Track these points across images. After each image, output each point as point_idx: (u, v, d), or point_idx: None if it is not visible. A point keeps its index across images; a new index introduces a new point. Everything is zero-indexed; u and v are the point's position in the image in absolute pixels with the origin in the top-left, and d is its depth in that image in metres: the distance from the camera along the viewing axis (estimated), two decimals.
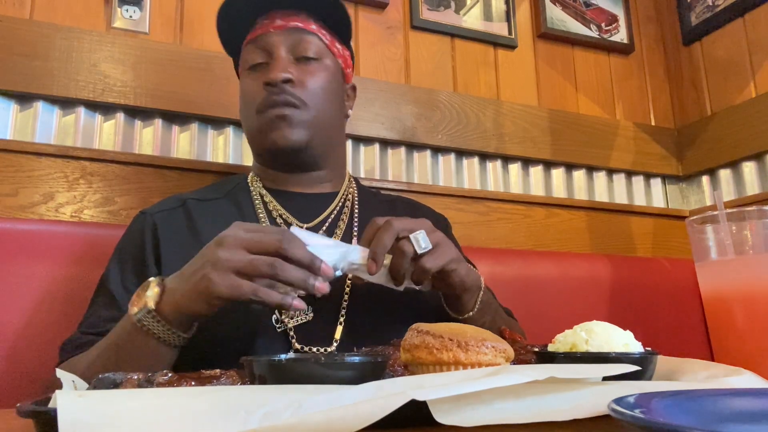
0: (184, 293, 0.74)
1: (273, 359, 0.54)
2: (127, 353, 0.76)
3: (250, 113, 1.02)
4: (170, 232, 0.96)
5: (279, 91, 0.98)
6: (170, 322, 0.75)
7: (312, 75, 1.02)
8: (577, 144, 1.89)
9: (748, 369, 0.61)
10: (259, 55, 1.02)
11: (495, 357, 0.57)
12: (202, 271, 0.72)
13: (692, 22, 2.02)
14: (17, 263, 1.08)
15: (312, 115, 1.01)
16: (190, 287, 0.73)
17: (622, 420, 0.35)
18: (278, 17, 1.03)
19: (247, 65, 1.04)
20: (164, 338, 0.75)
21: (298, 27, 1.02)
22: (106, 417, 0.41)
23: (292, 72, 0.99)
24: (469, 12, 1.84)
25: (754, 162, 1.84)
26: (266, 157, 1.06)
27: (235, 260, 0.71)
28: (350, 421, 0.39)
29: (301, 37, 1.02)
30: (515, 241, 1.73)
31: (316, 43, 1.04)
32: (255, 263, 0.71)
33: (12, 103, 1.32)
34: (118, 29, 1.43)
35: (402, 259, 0.80)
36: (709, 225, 0.88)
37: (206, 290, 0.71)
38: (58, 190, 1.29)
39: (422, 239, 0.81)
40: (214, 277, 0.71)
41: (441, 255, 0.83)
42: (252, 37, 1.04)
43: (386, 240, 0.80)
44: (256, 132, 1.02)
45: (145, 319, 0.74)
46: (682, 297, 1.62)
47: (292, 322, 0.91)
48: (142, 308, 0.74)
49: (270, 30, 1.02)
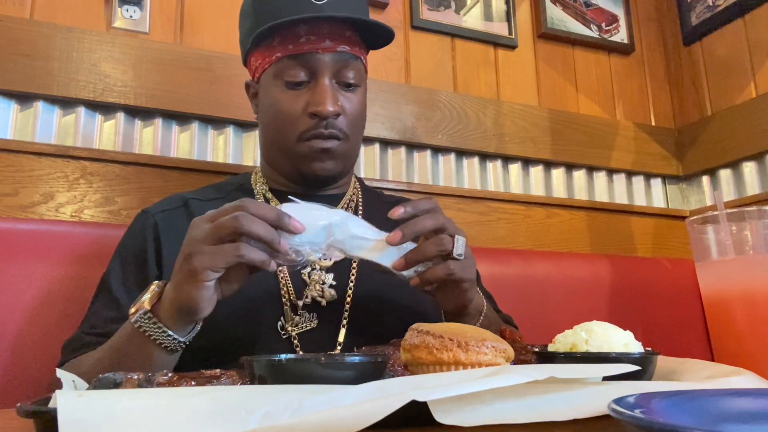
0: (175, 286, 0.73)
1: (273, 359, 0.54)
2: (128, 358, 0.76)
3: (287, 137, 0.98)
4: (172, 232, 0.96)
5: (327, 124, 0.96)
6: (166, 323, 0.74)
7: (353, 104, 0.99)
8: (578, 144, 1.89)
9: (748, 369, 0.61)
10: (301, 73, 0.97)
11: (495, 357, 0.57)
12: (181, 254, 0.73)
13: (692, 22, 2.02)
14: (17, 263, 1.08)
15: (351, 146, 1.01)
16: (178, 278, 0.73)
17: (622, 420, 0.35)
18: (326, 36, 0.96)
19: (284, 78, 0.98)
20: (161, 341, 0.75)
21: (344, 51, 0.97)
22: (106, 417, 0.41)
23: (340, 105, 0.97)
24: (470, 12, 1.84)
25: (754, 162, 1.84)
26: (293, 176, 1.03)
27: (204, 234, 0.71)
28: (350, 421, 0.39)
29: (347, 62, 0.98)
30: (515, 241, 1.73)
31: (358, 68, 1.01)
32: (219, 222, 0.71)
33: (12, 102, 1.32)
34: (118, 29, 1.43)
35: (435, 249, 0.78)
36: (709, 225, 0.88)
37: (192, 271, 0.71)
38: (59, 190, 1.29)
39: (462, 245, 0.79)
40: (195, 254, 0.71)
41: (467, 270, 0.81)
42: (295, 52, 0.96)
43: (428, 225, 0.78)
44: (295, 156, 0.99)
45: (142, 321, 0.74)
46: (683, 297, 1.62)
47: (297, 329, 0.91)
48: (138, 310, 0.74)
49: (318, 51, 0.96)
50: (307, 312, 0.92)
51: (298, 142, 0.97)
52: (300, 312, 0.92)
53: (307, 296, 0.93)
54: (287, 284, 0.94)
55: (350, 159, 1.04)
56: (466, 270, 0.81)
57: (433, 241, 0.78)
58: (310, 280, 0.95)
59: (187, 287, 0.72)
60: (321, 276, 0.95)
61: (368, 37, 1.03)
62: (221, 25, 1.53)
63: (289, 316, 0.92)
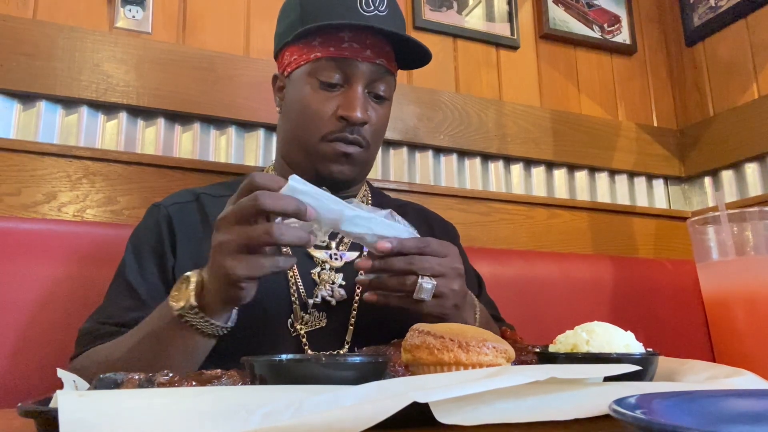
0: (214, 285, 0.74)
1: (273, 359, 0.54)
2: (168, 344, 0.77)
3: (311, 135, 0.99)
4: (184, 225, 0.97)
5: (353, 130, 0.97)
6: (211, 315, 0.76)
7: (379, 116, 1.01)
8: (580, 145, 1.89)
9: (749, 370, 0.61)
10: (337, 76, 0.98)
11: (496, 357, 0.57)
12: (215, 260, 0.73)
13: (695, 23, 2.02)
14: (19, 262, 1.08)
15: (369, 154, 1.02)
16: (215, 279, 0.74)
17: (623, 420, 0.35)
18: (368, 46, 0.98)
19: (319, 76, 0.98)
20: (205, 330, 0.77)
21: (383, 65, 1.00)
22: (107, 417, 0.41)
23: (369, 114, 0.99)
24: (472, 12, 1.84)
25: (756, 163, 1.83)
26: (309, 175, 1.02)
27: (234, 239, 0.72)
28: (351, 422, 0.39)
29: (382, 76, 1.00)
30: (517, 242, 1.73)
31: (390, 83, 1.03)
32: (252, 237, 0.71)
33: (15, 102, 1.33)
34: (120, 29, 1.43)
35: (395, 284, 0.81)
36: (710, 226, 0.88)
37: (227, 277, 0.72)
38: (61, 190, 1.29)
39: (428, 291, 0.80)
40: (227, 263, 0.71)
41: (438, 306, 0.82)
42: (337, 55, 0.97)
43: (395, 266, 0.80)
44: (315, 155, 1.00)
45: (188, 314, 0.75)
46: (684, 298, 1.62)
47: (306, 327, 0.92)
48: (184, 304, 0.75)
49: (359, 59, 0.97)
50: (317, 311, 0.94)
51: (321, 142, 0.98)
52: (310, 311, 0.94)
53: (317, 295, 0.94)
54: (297, 283, 0.95)
55: (367, 167, 1.05)
56: (437, 308, 0.82)
57: (396, 279, 0.80)
58: (320, 279, 0.96)
59: (226, 289, 0.73)
60: (331, 276, 0.97)
61: (403, 57, 1.04)
62: (224, 25, 1.53)
63: (298, 314, 0.93)
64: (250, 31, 1.55)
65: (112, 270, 0.97)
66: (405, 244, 0.80)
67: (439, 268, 0.81)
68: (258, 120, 1.50)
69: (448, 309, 0.83)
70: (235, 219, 0.72)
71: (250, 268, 0.71)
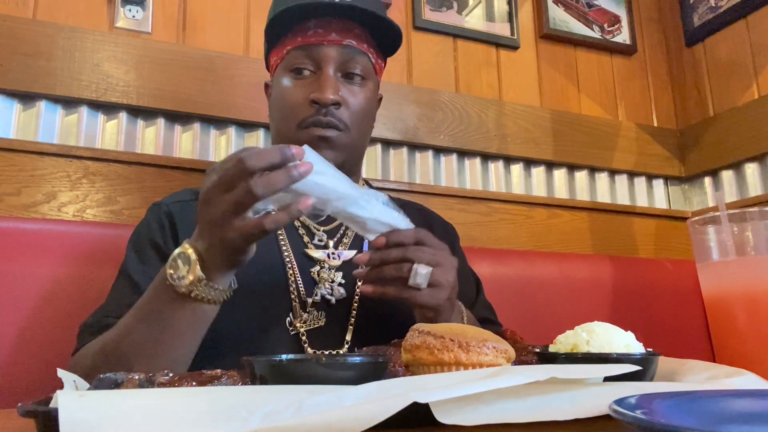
0: (214, 256, 0.74)
1: (273, 359, 0.54)
2: (175, 321, 0.76)
3: (289, 124, 1.00)
4: (185, 221, 0.97)
5: (326, 112, 0.97)
6: (216, 283, 0.75)
7: (357, 97, 1.01)
8: (580, 145, 1.89)
9: (750, 370, 0.61)
10: (306, 63, 1.00)
11: (496, 358, 0.57)
12: (213, 233, 0.73)
13: (695, 23, 2.02)
14: (19, 262, 1.08)
15: (351, 138, 1.01)
16: (215, 250, 0.74)
17: (623, 421, 0.35)
18: (333, 29, 0.99)
19: (290, 67, 1.01)
20: (213, 298, 0.76)
21: (351, 45, 1.00)
22: (107, 417, 0.41)
23: (340, 94, 0.98)
24: (472, 12, 1.84)
25: (756, 163, 1.83)
26: None
27: (226, 208, 0.70)
28: (352, 422, 0.39)
29: (352, 56, 1.00)
30: (517, 242, 1.73)
31: (364, 63, 1.02)
32: (240, 200, 0.69)
33: (15, 102, 1.33)
34: (120, 29, 1.43)
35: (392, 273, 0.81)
36: (710, 226, 0.88)
37: (224, 246, 0.72)
38: (61, 190, 1.29)
39: (423, 277, 0.80)
40: (227, 234, 0.71)
41: (431, 298, 0.82)
42: (303, 43, 1.00)
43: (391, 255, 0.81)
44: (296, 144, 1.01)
45: (197, 288, 0.74)
46: (684, 298, 1.62)
47: (305, 326, 0.92)
48: (193, 279, 0.74)
49: (324, 42, 0.99)
50: (316, 310, 0.94)
51: (298, 130, 0.98)
52: (309, 309, 0.93)
53: (316, 294, 0.94)
54: (297, 281, 0.95)
55: (352, 152, 1.03)
56: (432, 298, 0.82)
57: (392, 267, 0.81)
58: (320, 278, 0.96)
59: (226, 256, 0.74)
60: (330, 274, 0.96)
61: (379, 39, 1.05)
62: (224, 25, 1.53)
63: (297, 312, 0.93)
64: (250, 31, 1.55)
65: (112, 270, 0.97)
66: (401, 234, 0.82)
67: (435, 258, 0.82)
68: (258, 120, 1.50)
69: (443, 300, 0.82)
70: (224, 187, 0.71)
71: (243, 235, 0.71)
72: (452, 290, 0.84)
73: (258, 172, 0.69)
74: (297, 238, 1.00)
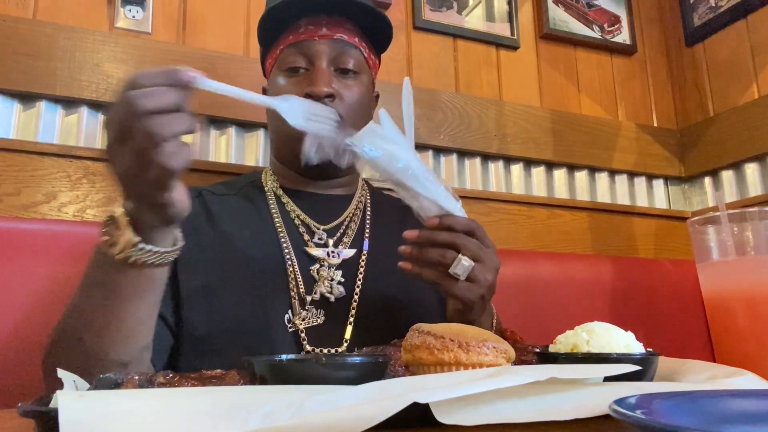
0: (144, 214, 0.70)
1: (274, 359, 0.54)
2: (121, 289, 0.72)
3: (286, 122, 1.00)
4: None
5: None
6: (156, 243, 0.71)
7: (350, 90, 1.02)
8: (580, 145, 1.89)
9: (749, 370, 0.61)
10: (299, 60, 1.01)
11: (496, 358, 0.57)
12: (130, 191, 0.69)
13: (695, 23, 2.02)
14: (19, 263, 1.08)
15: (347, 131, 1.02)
16: (142, 208, 0.69)
17: (623, 421, 0.35)
18: (324, 25, 1.01)
19: (284, 66, 1.02)
20: (156, 261, 0.71)
21: (342, 39, 1.01)
22: (107, 417, 0.41)
23: (334, 87, 0.99)
24: (472, 12, 1.84)
25: (756, 163, 1.83)
26: (293, 163, 1.05)
27: (134, 163, 0.65)
28: (352, 422, 0.39)
29: (344, 50, 1.02)
30: (517, 242, 1.73)
31: (357, 57, 1.04)
32: (142, 149, 0.63)
33: (15, 102, 1.33)
34: (121, 29, 1.43)
35: (434, 257, 0.81)
36: (710, 226, 0.88)
37: (146, 201, 0.68)
38: (61, 190, 1.29)
39: (463, 269, 0.80)
40: (138, 188, 0.67)
41: (469, 291, 0.82)
42: (295, 41, 1.02)
43: (439, 239, 0.81)
44: (293, 142, 0.98)
45: (133, 253, 0.70)
46: (684, 298, 1.62)
47: (304, 323, 0.92)
48: (125, 245, 0.69)
49: (315, 38, 1.00)
50: (315, 307, 0.94)
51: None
52: (308, 307, 0.93)
53: (315, 292, 0.94)
54: (296, 278, 0.95)
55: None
56: (467, 291, 0.82)
57: (437, 251, 0.81)
58: (319, 276, 0.96)
59: (162, 212, 0.69)
60: (330, 272, 0.97)
61: (371, 35, 1.06)
62: (224, 25, 1.53)
63: (296, 310, 0.93)
64: (250, 31, 1.55)
65: None
66: (455, 219, 0.82)
67: (480, 253, 0.82)
68: (258, 120, 1.50)
69: (476, 297, 0.82)
70: (122, 140, 0.64)
71: (160, 182, 0.66)
72: (488, 290, 0.84)
73: (154, 111, 0.63)
74: (297, 236, 1.00)
